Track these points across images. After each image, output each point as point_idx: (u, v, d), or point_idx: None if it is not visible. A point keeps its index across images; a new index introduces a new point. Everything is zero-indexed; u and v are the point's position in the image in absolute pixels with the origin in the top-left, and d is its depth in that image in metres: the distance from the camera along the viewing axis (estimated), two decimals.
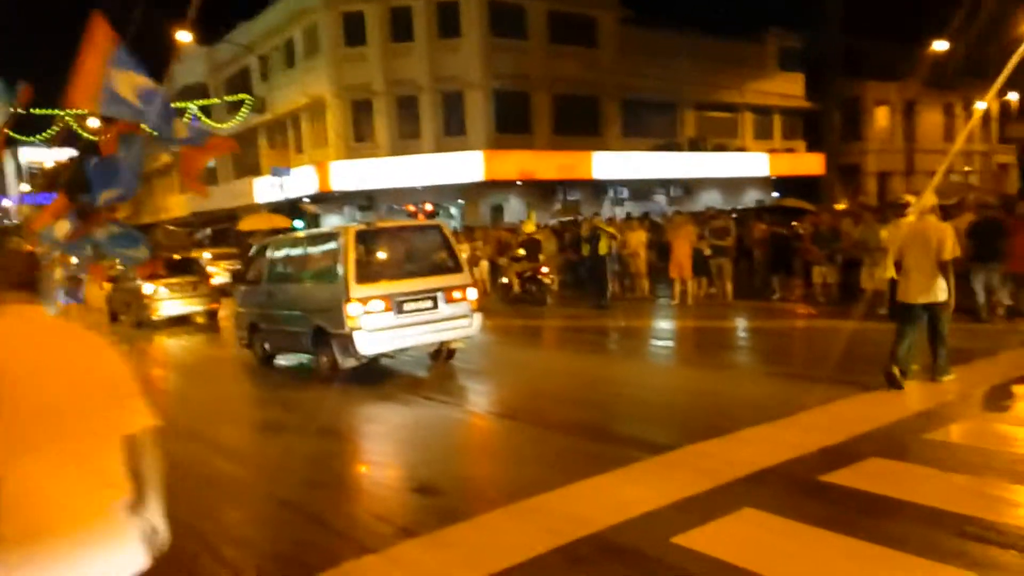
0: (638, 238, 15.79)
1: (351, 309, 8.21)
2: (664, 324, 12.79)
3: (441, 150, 26.95)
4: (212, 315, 16.81)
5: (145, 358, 12.86)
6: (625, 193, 29.65)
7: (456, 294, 8.92)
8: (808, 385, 6.99)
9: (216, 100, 34.68)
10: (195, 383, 10.65)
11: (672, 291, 14.52)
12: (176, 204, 39.93)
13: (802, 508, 4.21)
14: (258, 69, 32.81)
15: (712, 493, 4.49)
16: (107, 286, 14.85)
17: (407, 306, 8.55)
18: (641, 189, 30.17)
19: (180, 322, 16.50)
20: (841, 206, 17.69)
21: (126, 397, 2.15)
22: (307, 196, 28.24)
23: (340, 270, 8.40)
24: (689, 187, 31.48)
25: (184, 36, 31.98)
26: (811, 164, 33.65)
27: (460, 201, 28.15)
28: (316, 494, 5.16)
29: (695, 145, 32.14)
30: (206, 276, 17.59)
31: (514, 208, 28.01)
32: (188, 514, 4.86)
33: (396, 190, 26.48)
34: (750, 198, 32.80)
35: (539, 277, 15.78)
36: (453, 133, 27.64)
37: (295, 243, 10.36)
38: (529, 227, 16.96)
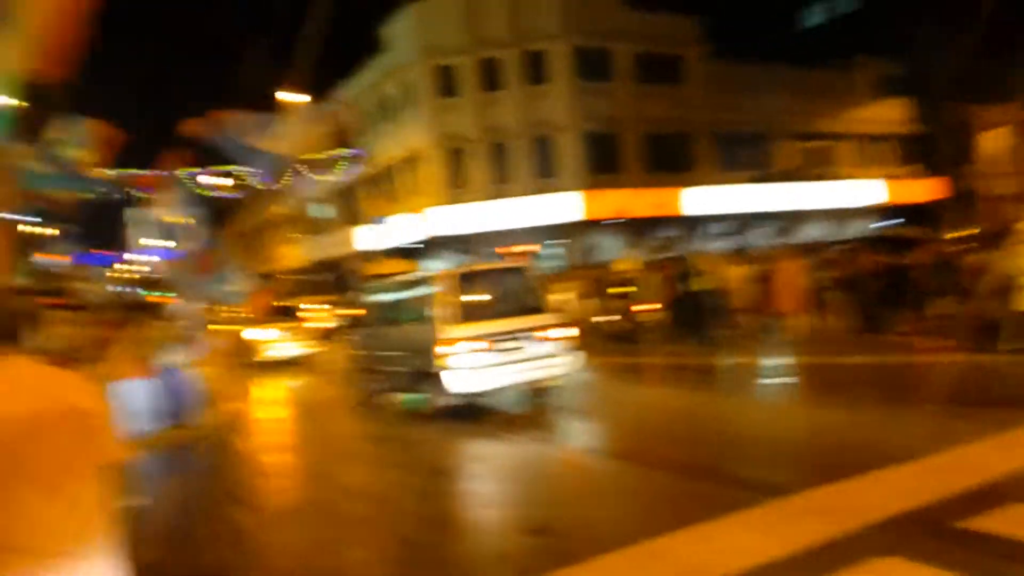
0: (736, 273, 15.41)
1: (442, 350, 8.53)
2: (772, 361, 12.36)
3: (534, 193, 27.40)
4: (312, 357, 17.93)
5: (261, 397, 13.55)
6: (721, 228, 29.13)
7: (549, 333, 9.06)
8: (937, 424, 6.59)
9: (318, 155, 36.59)
10: (309, 423, 11.12)
11: (777, 327, 14.04)
12: (287, 254, 42.08)
13: (941, 556, 3.96)
14: (356, 124, 34.51)
15: (840, 541, 4.29)
16: (226, 333, 16.01)
17: (498, 346, 8.71)
18: (738, 223, 29.57)
19: (284, 364, 17.50)
20: (965, 232, 16.72)
21: (97, 431, 2.21)
22: (408, 243, 29.21)
23: (432, 312, 8.83)
24: (791, 219, 30.61)
25: (291, 96, 34.13)
26: (923, 190, 32.10)
27: (549, 241, 28.41)
28: (436, 533, 5.27)
29: (790, 176, 31.33)
30: (302, 322, 19.04)
31: (611, 247, 28.01)
32: (314, 551, 5.07)
33: (493, 233, 27.02)
34: (856, 229, 31.52)
35: (637, 315, 15.65)
36: (545, 176, 28.07)
37: (394, 287, 10.81)
38: (625, 265, 16.91)
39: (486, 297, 9.37)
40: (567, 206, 26.69)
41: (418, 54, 28.90)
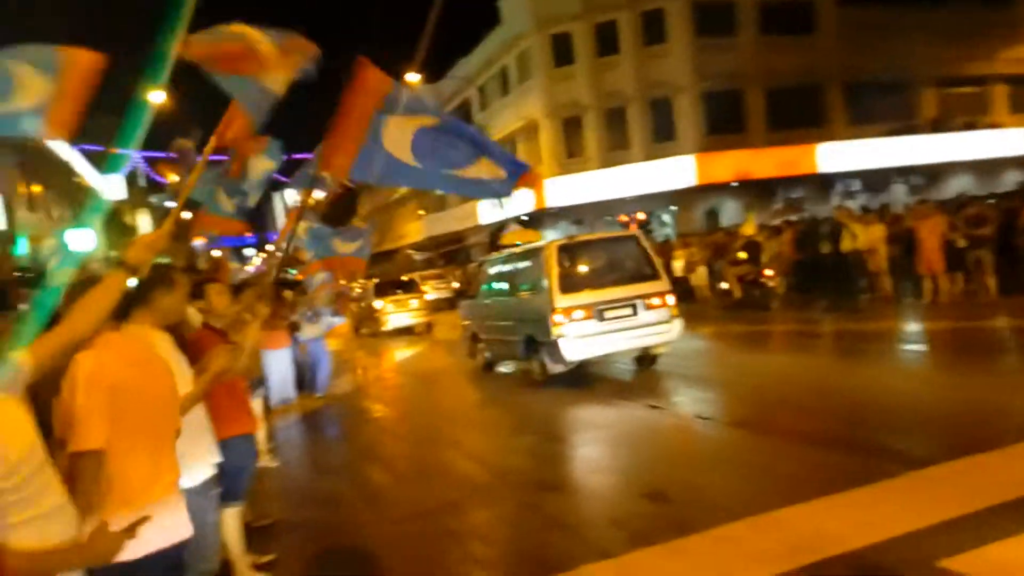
0: (876, 233, 14.46)
1: (556, 318, 8.89)
2: (913, 326, 11.58)
3: (651, 158, 26.80)
4: (428, 327, 19.82)
5: (384, 365, 14.24)
6: (856, 185, 27.34)
7: (655, 300, 9.30)
8: None
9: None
10: (429, 389, 11.59)
11: (921, 289, 13.12)
12: (414, 230, 43.51)
13: None
14: (477, 99, 34.98)
15: (985, 513, 4.01)
16: (352, 305, 17.11)
17: (608, 314, 9.07)
18: (875, 180, 27.63)
19: (403, 332, 19.49)
20: None
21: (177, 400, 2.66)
22: (524, 214, 29.42)
23: (545, 282, 9.15)
24: (933, 173, 28.24)
25: (413, 77, 34.90)
26: None
27: (672, 208, 27.72)
28: (551, 497, 5.38)
29: (938, 126, 28.77)
30: (422, 293, 20.71)
31: (730, 211, 27.01)
32: (440, 511, 5.32)
33: (608, 202, 26.72)
34: (1008, 182, 28.65)
35: (762, 280, 15.06)
36: (662, 140, 27.35)
37: (507, 260, 11.16)
38: (748, 229, 16.27)
39: (596, 266, 9.66)
40: (684, 170, 25.91)
41: (533, 24, 28.78)
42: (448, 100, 38.43)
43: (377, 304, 19.61)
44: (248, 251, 62.82)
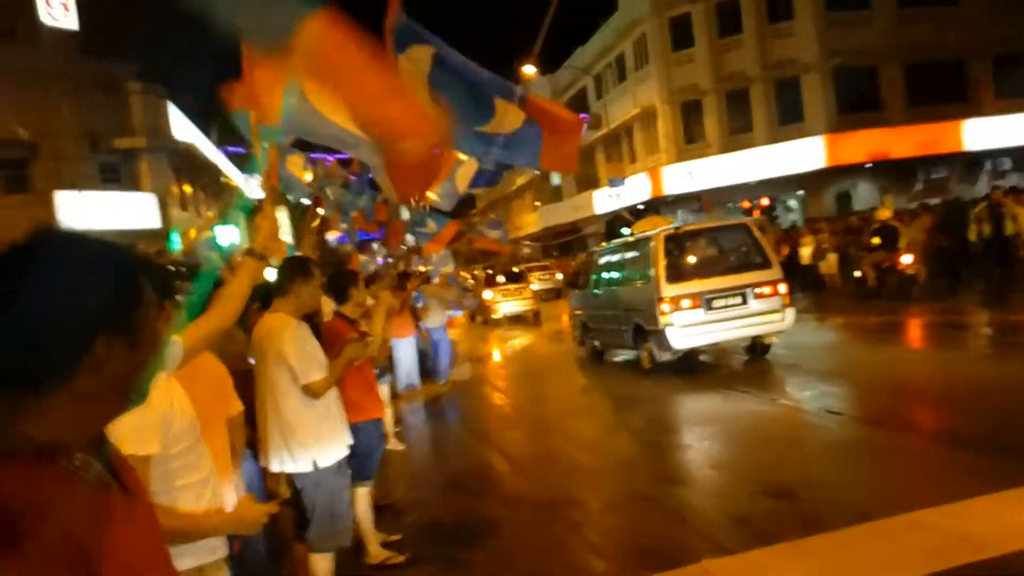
0: None
1: (663, 307, 8.97)
2: None
3: (776, 141, 25.64)
4: (535, 315, 20.87)
5: (499, 353, 14.51)
6: (1007, 164, 25.03)
7: (766, 289, 9.18)
8: None
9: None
10: (542, 377, 11.82)
11: None
12: (530, 221, 43.89)
13: None
14: (593, 88, 34.73)
15: None
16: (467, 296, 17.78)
17: (716, 303, 9.06)
18: None
19: (514, 321, 20.71)
20: None
21: (227, 391, 2.95)
22: (641, 203, 28.99)
23: (652, 272, 9.22)
24: None
25: (529, 69, 35.26)
26: None
27: (799, 192, 26.43)
28: (670, 489, 5.33)
29: None
30: (528, 284, 22.02)
31: (863, 194, 25.43)
32: (555, 499, 5.39)
33: (729, 188, 25.85)
34: None
35: (900, 268, 14.11)
36: (788, 121, 26.09)
37: (614, 250, 11.43)
38: (884, 213, 15.25)
39: (704, 255, 9.77)
40: (812, 152, 24.60)
41: (650, 8, 28.21)
42: (563, 91, 38.40)
43: (487, 295, 20.82)
44: (375, 245, 65.42)
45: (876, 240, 14.72)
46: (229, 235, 22.31)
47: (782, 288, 9.26)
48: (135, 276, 1.05)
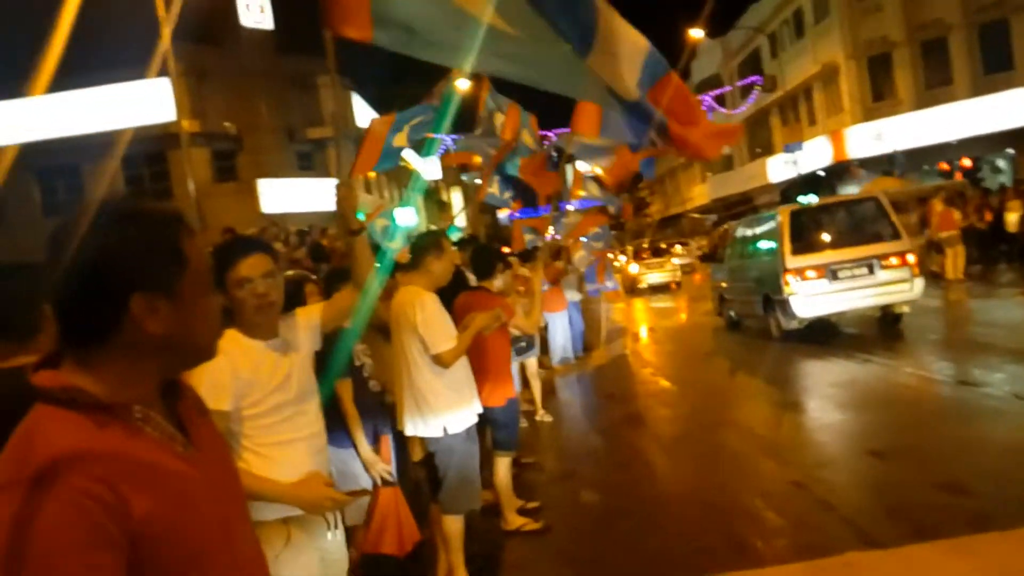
0: None
1: (788, 278, 9.54)
2: None
3: (980, 93, 22.74)
4: (678, 285, 23.81)
5: (646, 324, 14.46)
6: None
7: (893, 260, 9.49)
8: None
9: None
10: (685, 350, 12.42)
11: None
12: (699, 193, 42.45)
13: None
14: (767, 48, 32.68)
15: None
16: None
17: (841, 273, 9.47)
18: None
19: (658, 290, 23.49)
20: None
21: None
22: (821, 169, 27.00)
23: (778, 245, 9.84)
24: None
25: (697, 32, 33.87)
26: None
27: (1009, 151, 23.31)
28: (824, 476, 5.01)
29: None
30: (670, 258, 25.13)
31: None
32: (699, 481, 5.27)
33: (925, 149, 23.36)
34: None
35: None
36: (996, 70, 23.03)
37: (748, 224, 12.12)
38: None
39: (831, 228, 10.16)
40: (1021, 106, 21.54)
41: None
42: (735, 53, 36.46)
43: (633, 268, 24.08)
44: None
45: None
46: (407, 216, 23.68)
47: (911, 258, 9.55)
48: (177, 241, 1.11)
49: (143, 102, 21.78)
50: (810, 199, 26.63)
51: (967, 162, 22.61)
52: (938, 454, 5.14)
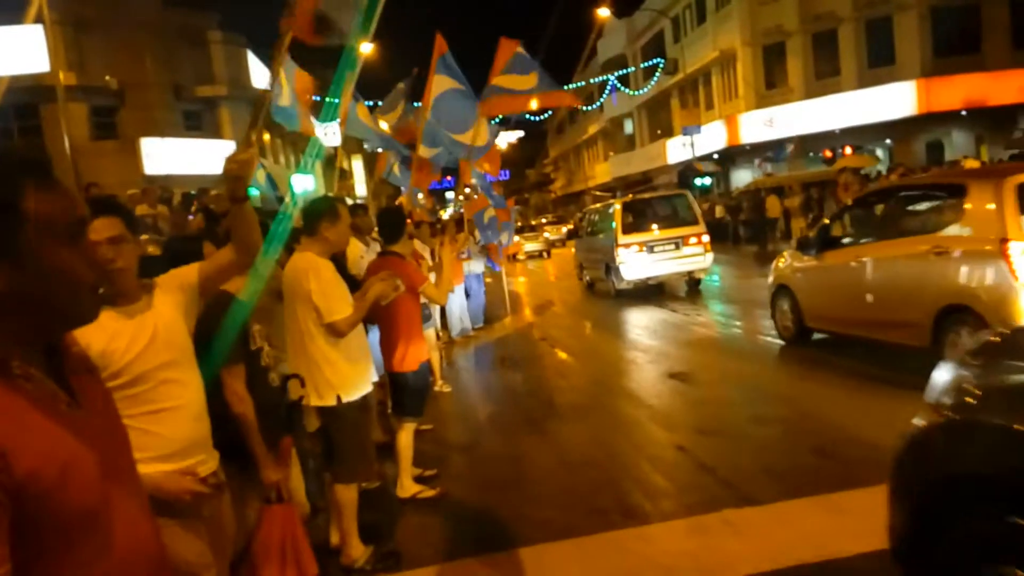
0: None
1: (619, 251, 12.98)
2: None
3: (865, 85, 24.22)
4: (548, 253, 29.99)
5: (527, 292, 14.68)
6: None
7: (692, 240, 12.99)
8: None
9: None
10: (560, 307, 14.14)
11: None
12: (601, 171, 43.28)
13: None
14: (671, 31, 33.48)
15: None
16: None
17: (656, 248, 12.94)
18: None
19: (533, 257, 29.35)
20: None
21: None
22: (716, 152, 28.05)
23: (614, 226, 13.16)
24: None
25: (604, 12, 34.17)
26: None
27: (887, 141, 25.01)
28: (705, 442, 5.27)
29: None
30: (543, 233, 31.82)
31: (957, 143, 23.85)
32: (596, 450, 5.41)
33: (812, 136, 24.69)
34: None
35: None
36: (879, 64, 24.59)
37: (595, 211, 16.06)
38: (973, 163, 14.33)
39: (651, 215, 13.51)
40: (903, 98, 23.11)
41: None
42: (640, 35, 37.18)
43: (515, 238, 27.35)
44: (449, 194, 66.19)
45: None
46: (304, 183, 22.90)
47: (705, 239, 13.01)
48: (13, 195, 1.03)
49: (13, 49, 20.02)
50: (704, 181, 27.70)
51: (848, 150, 24.06)
52: (804, 417, 5.49)
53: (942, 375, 2.53)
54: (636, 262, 12.86)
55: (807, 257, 7.37)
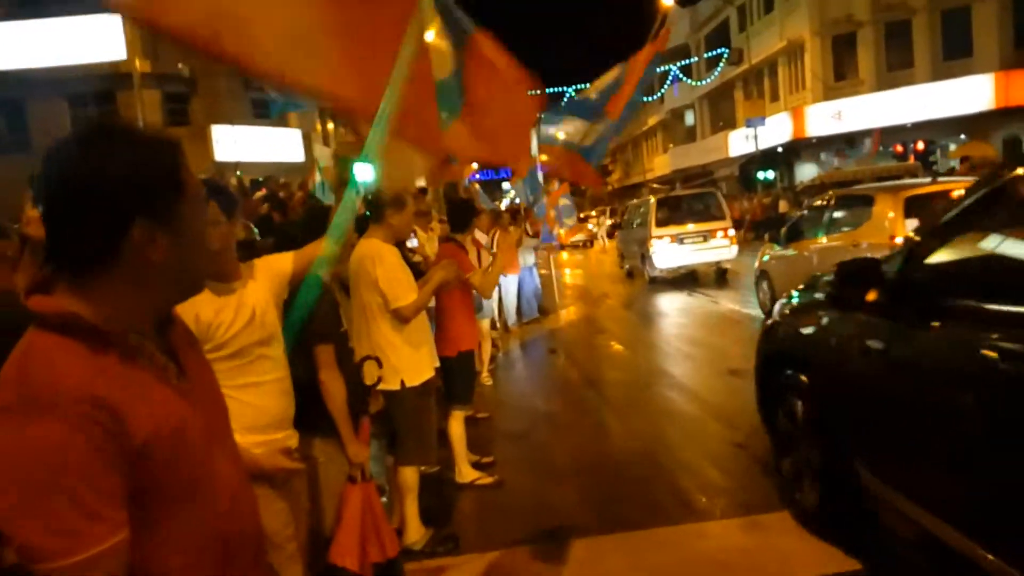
0: None
1: (652, 242, 14.56)
2: None
3: (939, 78, 23.27)
4: (591, 241, 32.21)
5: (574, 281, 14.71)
6: None
7: (719, 233, 14.28)
8: None
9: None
10: (601, 293, 15.31)
11: None
12: (660, 164, 42.72)
13: None
14: (736, 20, 32.75)
15: None
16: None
17: (686, 240, 14.35)
18: None
19: (576, 246, 30.48)
20: None
21: None
22: (780, 145, 27.38)
23: (648, 220, 14.83)
24: None
25: (667, 1, 33.60)
26: None
27: (962, 136, 23.99)
28: (766, 441, 5.17)
29: None
30: (587, 223, 33.06)
31: None
32: (649, 443, 5.41)
33: (881, 130, 23.86)
34: None
35: None
36: (955, 56, 23.56)
37: (634, 207, 17.85)
38: None
39: (683, 211, 14.85)
40: (980, 91, 22.11)
41: None
42: (704, 24, 36.48)
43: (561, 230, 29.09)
44: (505, 185, 66.37)
45: None
46: (365, 172, 23.28)
47: (731, 232, 14.37)
48: (177, 169, 1.08)
49: (93, 38, 20.84)
50: (767, 175, 27.10)
51: (920, 145, 23.20)
52: None
53: (781, 300, 4.40)
54: (667, 252, 14.34)
55: (779, 248, 9.24)
